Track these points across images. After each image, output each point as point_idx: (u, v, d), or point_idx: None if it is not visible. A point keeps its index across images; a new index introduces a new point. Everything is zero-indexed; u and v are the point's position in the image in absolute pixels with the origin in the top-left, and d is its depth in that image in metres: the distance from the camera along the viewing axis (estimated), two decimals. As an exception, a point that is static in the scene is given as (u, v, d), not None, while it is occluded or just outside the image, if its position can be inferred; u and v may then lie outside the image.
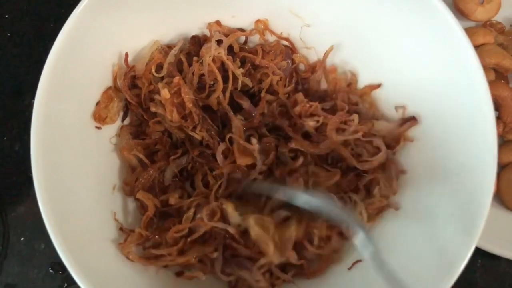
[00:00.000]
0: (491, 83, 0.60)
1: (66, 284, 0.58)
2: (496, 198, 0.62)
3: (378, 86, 0.53)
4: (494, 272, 0.61)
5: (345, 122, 0.51)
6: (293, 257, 0.47)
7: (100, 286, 0.43)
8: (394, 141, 0.51)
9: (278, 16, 0.54)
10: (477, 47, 0.63)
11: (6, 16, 0.64)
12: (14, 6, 0.64)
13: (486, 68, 0.62)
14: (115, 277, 0.46)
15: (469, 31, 0.63)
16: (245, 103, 0.52)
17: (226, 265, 0.49)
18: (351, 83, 0.54)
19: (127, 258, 0.47)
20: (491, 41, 0.63)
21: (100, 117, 0.49)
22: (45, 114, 0.44)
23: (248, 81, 0.52)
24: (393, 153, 0.51)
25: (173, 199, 0.50)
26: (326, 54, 0.54)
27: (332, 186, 0.50)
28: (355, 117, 0.51)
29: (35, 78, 0.44)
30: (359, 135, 0.50)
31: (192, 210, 0.49)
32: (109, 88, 0.50)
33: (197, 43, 0.53)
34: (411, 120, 0.50)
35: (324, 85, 0.56)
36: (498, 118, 0.61)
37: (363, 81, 0.54)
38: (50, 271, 0.58)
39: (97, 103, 0.49)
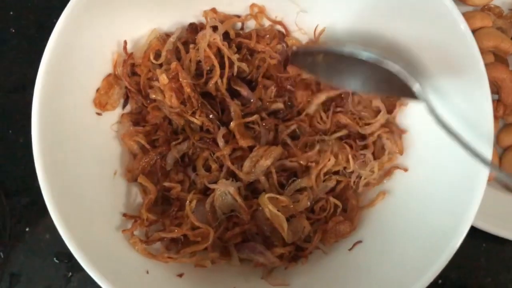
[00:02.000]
0: (490, 66, 0.60)
1: (70, 273, 0.59)
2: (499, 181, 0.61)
3: None
4: (499, 255, 0.61)
5: None
6: (308, 227, 0.49)
7: (105, 269, 0.43)
8: (391, 106, 0.52)
9: (274, 2, 0.54)
10: (475, 31, 0.63)
11: (11, 13, 0.65)
12: (18, 3, 0.66)
13: (484, 51, 0.62)
14: (119, 260, 0.46)
15: (466, 15, 0.63)
16: (243, 89, 0.53)
17: (240, 251, 0.50)
18: None
19: (134, 248, 0.48)
20: (489, 25, 0.63)
21: (100, 104, 0.50)
22: (46, 102, 0.45)
23: (244, 66, 0.53)
24: (392, 117, 0.52)
25: (174, 191, 0.51)
26: (317, 36, 0.54)
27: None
28: None
29: (39, 72, 0.45)
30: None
31: (194, 203, 0.49)
32: (109, 75, 0.51)
33: (194, 30, 0.54)
34: None
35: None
36: (499, 101, 0.60)
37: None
38: (55, 260, 0.59)
39: (97, 90, 0.50)
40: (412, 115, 0.52)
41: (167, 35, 0.53)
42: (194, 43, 0.53)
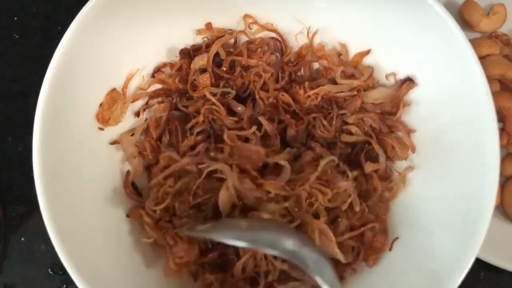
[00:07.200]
0: (495, 94, 0.60)
1: (65, 285, 0.58)
2: (500, 210, 0.61)
3: (368, 52, 0.52)
4: (497, 285, 0.60)
5: None
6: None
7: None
8: (394, 107, 0.51)
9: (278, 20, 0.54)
10: (482, 58, 0.62)
11: (15, 18, 0.65)
12: (23, 9, 0.65)
13: (490, 79, 0.61)
14: (113, 279, 0.46)
15: (474, 42, 0.63)
16: (239, 108, 0.52)
17: None
18: (341, 54, 0.54)
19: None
20: (496, 52, 0.62)
21: (103, 119, 0.49)
22: (48, 114, 0.44)
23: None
24: (395, 119, 0.51)
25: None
26: (311, 37, 0.54)
27: None
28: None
29: (42, 80, 0.44)
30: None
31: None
32: (113, 90, 0.50)
33: (187, 56, 0.53)
34: (408, 81, 0.49)
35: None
36: (503, 130, 0.60)
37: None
38: (50, 272, 0.58)
39: (101, 104, 0.49)
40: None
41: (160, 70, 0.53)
42: (188, 67, 0.52)
